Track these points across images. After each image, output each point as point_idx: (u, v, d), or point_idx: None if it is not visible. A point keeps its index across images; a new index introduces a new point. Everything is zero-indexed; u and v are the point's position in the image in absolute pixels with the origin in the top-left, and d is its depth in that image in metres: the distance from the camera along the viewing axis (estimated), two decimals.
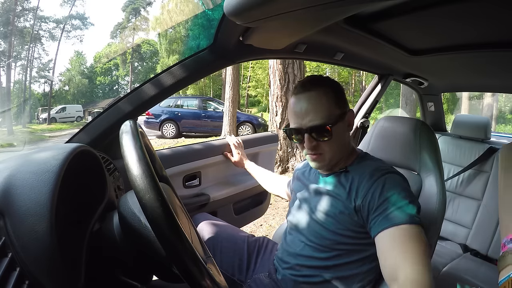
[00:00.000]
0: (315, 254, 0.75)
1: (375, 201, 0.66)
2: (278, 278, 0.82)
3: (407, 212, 0.62)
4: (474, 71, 1.35)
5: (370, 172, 0.71)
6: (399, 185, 0.67)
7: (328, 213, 0.75)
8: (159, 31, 20.93)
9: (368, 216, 0.67)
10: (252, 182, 1.37)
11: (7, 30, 19.78)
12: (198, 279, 0.41)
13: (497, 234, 1.42)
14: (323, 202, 0.78)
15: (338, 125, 0.73)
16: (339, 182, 0.76)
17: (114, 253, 0.58)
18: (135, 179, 0.41)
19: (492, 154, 1.51)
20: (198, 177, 1.25)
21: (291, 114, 0.75)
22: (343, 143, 0.77)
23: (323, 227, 0.75)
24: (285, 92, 4.19)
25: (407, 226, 0.60)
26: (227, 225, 1.07)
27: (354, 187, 0.72)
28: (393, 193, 0.65)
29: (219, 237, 0.98)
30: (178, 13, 17.14)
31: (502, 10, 0.69)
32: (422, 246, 0.58)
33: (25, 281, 0.39)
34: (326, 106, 0.72)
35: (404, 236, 0.59)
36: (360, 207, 0.69)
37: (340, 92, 0.76)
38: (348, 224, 0.71)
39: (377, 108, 6.36)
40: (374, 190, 0.67)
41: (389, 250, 0.60)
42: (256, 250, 0.96)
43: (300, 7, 0.52)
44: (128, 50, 26.93)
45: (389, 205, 0.64)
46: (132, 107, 0.89)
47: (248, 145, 1.36)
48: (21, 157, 0.51)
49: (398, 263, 0.57)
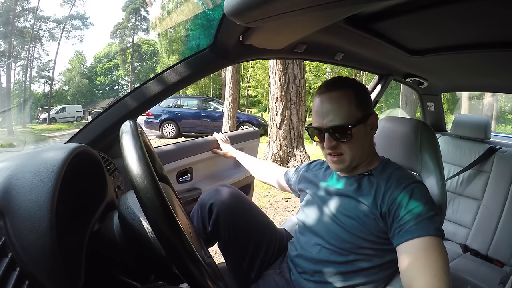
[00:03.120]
0: (333, 258, 0.74)
1: (402, 210, 0.66)
2: (291, 279, 0.81)
3: (432, 224, 0.63)
4: (474, 71, 1.35)
5: (397, 180, 0.71)
6: (425, 196, 0.68)
7: (351, 215, 0.73)
8: (159, 31, 20.95)
9: (393, 224, 0.67)
10: (239, 175, 1.49)
11: (7, 30, 19.78)
12: (198, 279, 0.41)
13: (497, 234, 1.42)
14: (344, 203, 0.76)
15: (359, 128, 0.73)
16: (362, 185, 0.75)
17: (114, 253, 0.58)
18: (135, 179, 0.41)
19: (492, 154, 1.51)
20: (190, 173, 1.30)
21: (314, 114, 0.77)
22: (364, 146, 0.76)
23: (345, 229, 0.73)
24: (285, 92, 4.19)
25: (430, 238, 0.61)
26: (253, 205, 0.95)
27: (380, 193, 0.71)
28: (419, 204, 0.65)
29: (241, 220, 0.89)
30: (178, 13, 17.15)
31: (502, 10, 0.69)
32: (443, 259, 0.59)
33: (25, 281, 0.39)
34: (347, 107, 0.72)
35: (425, 248, 0.60)
36: (386, 214, 0.68)
37: (363, 95, 0.76)
38: (372, 229, 0.71)
39: (377, 108, 6.37)
40: (401, 199, 0.67)
41: (410, 260, 0.61)
42: (274, 242, 0.91)
43: (300, 7, 0.52)
44: (128, 50, 26.93)
45: (414, 216, 0.64)
46: (132, 107, 0.89)
47: (233, 141, 1.43)
48: (21, 157, 0.51)
49: (417, 273, 0.58)
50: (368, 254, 0.72)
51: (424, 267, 0.58)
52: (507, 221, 1.40)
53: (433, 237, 0.61)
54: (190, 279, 0.41)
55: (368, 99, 0.77)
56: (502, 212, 1.42)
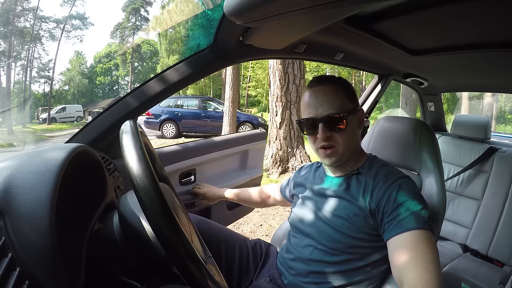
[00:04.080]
0: (326, 258, 0.74)
1: (390, 205, 0.67)
2: (284, 283, 0.81)
3: (420, 217, 0.63)
4: (474, 71, 1.34)
5: (384, 176, 0.72)
6: (413, 190, 0.69)
7: (341, 215, 0.74)
8: (159, 31, 20.94)
9: (382, 219, 0.67)
10: (244, 177, 1.43)
11: (7, 30, 19.78)
12: (198, 279, 0.41)
13: (497, 234, 1.42)
14: (334, 204, 0.77)
15: (351, 118, 0.75)
16: (351, 184, 0.76)
17: (114, 253, 0.58)
18: (135, 179, 0.41)
19: (492, 154, 1.51)
20: (193, 174, 1.27)
21: (305, 107, 0.76)
22: (355, 138, 0.78)
23: (336, 229, 0.74)
24: (285, 92, 4.19)
25: (420, 231, 0.61)
26: (222, 227, 1.00)
27: (368, 190, 0.72)
28: (407, 198, 0.66)
29: (214, 243, 0.89)
30: (178, 13, 17.14)
31: (502, 10, 0.69)
32: (433, 252, 0.59)
33: (25, 281, 0.39)
34: (340, 98, 0.74)
35: (415, 241, 0.61)
36: (375, 211, 0.69)
37: (352, 90, 0.79)
38: (362, 227, 0.71)
39: (377, 108, 6.36)
40: (389, 194, 0.68)
41: (400, 254, 0.61)
42: (252, 255, 0.92)
43: (300, 7, 0.52)
44: (128, 50, 26.92)
45: (403, 210, 0.65)
46: (132, 107, 0.89)
47: (237, 143, 1.39)
48: (21, 157, 0.51)
49: (407, 267, 0.58)
50: (360, 253, 0.72)
51: (415, 260, 0.58)
52: (507, 221, 1.40)
53: (422, 230, 0.61)
54: (190, 279, 0.41)
55: (355, 96, 0.80)
56: (502, 212, 1.42)
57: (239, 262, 0.89)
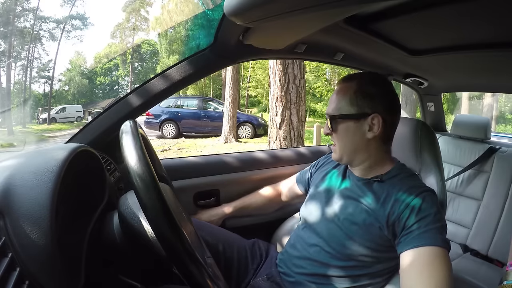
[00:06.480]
0: (331, 262, 0.73)
1: (412, 219, 0.64)
2: (284, 280, 0.80)
3: (439, 234, 0.62)
4: (474, 71, 1.34)
5: (409, 188, 0.69)
6: (436, 205, 0.67)
7: (355, 221, 0.72)
8: (159, 31, 20.95)
9: (402, 231, 0.65)
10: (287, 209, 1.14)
11: (7, 30, 19.78)
12: (198, 279, 0.41)
13: (497, 234, 1.42)
14: (350, 208, 0.75)
15: (347, 123, 0.73)
16: (372, 191, 0.73)
17: (114, 253, 0.58)
18: (135, 179, 0.41)
19: (492, 154, 1.51)
20: (215, 196, 1.09)
21: None
22: (355, 144, 0.74)
23: (348, 236, 0.72)
24: (285, 92, 4.19)
25: (437, 248, 0.60)
26: (221, 227, 0.99)
27: (389, 201, 0.69)
28: (429, 213, 0.64)
29: (213, 243, 0.88)
30: (178, 13, 17.15)
31: (502, 10, 0.69)
32: (447, 271, 0.58)
33: (25, 281, 0.39)
34: (341, 100, 0.75)
35: (430, 258, 0.59)
36: (394, 223, 0.67)
37: (365, 92, 0.72)
38: (375, 237, 0.69)
39: None
40: (412, 207, 0.65)
41: (413, 268, 0.60)
42: (251, 254, 0.91)
43: (300, 7, 0.52)
44: (128, 50, 26.92)
45: (423, 224, 0.63)
46: (132, 107, 0.89)
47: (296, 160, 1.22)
48: (21, 157, 0.51)
49: (419, 282, 0.57)
50: (367, 261, 0.71)
51: (428, 277, 0.57)
52: (507, 221, 1.40)
53: (440, 248, 0.60)
54: (190, 279, 0.41)
55: (369, 99, 0.72)
56: (502, 212, 1.42)
57: (237, 262, 0.88)
